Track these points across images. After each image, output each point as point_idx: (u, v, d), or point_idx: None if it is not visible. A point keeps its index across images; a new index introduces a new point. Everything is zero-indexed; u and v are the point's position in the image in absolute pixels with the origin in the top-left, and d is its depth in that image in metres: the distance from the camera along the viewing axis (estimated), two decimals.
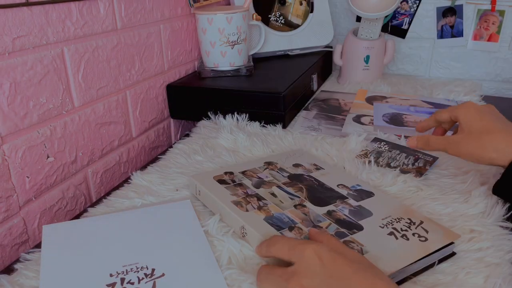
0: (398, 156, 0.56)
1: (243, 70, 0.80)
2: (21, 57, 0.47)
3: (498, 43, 0.97)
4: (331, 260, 0.31)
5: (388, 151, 0.56)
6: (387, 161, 0.55)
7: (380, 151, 0.57)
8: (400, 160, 0.55)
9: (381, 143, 0.59)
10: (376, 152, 0.57)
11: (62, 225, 0.46)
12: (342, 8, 1.08)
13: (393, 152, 0.56)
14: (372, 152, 0.57)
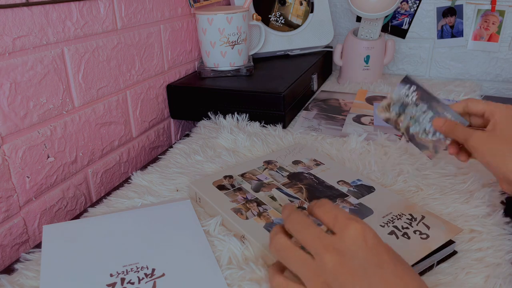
0: (423, 116, 0.46)
1: (243, 70, 0.80)
2: (21, 57, 0.47)
3: (498, 43, 0.97)
4: (375, 246, 0.30)
5: (414, 105, 0.46)
6: (407, 124, 0.46)
7: (406, 103, 0.47)
8: (421, 125, 0.46)
9: (410, 88, 0.47)
10: (401, 105, 0.47)
11: (62, 225, 0.46)
12: (342, 8, 1.08)
13: (419, 107, 0.46)
14: (397, 104, 0.47)
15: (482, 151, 0.42)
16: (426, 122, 0.45)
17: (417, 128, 0.45)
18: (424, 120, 0.45)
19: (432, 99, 0.45)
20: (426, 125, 0.45)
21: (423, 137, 0.44)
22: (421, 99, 0.45)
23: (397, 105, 0.46)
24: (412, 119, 0.45)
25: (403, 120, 0.46)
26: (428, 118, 0.45)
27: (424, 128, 0.45)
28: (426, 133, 0.45)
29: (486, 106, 0.45)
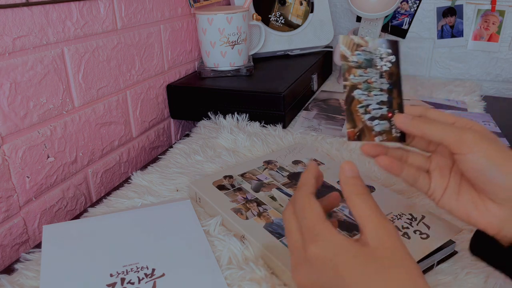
0: (377, 93, 0.35)
1: (243, 70, 0.80)
2: (21, 57, 0.47)
3: (498, 43, 0.97)
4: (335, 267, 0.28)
5: (379, 73, 0.35)
6: (357, 82, 0.35)
7: (373, 63, 0.35)
8: (369, 100, 0.34)
9: (389, 55, 0.36)
10: (368, 59, 0.35)
11: (62, 225, 0.46)
12: (342, 8, 1.08)
13: (382, 81, 0.35)
14: (366, 54, 0.35)
15: (478, 156, 0.30)
16: (375, 102, 0.35)
17: (363, 97, 0.34)
18: (374, 98, 0.35)
19: (398, 84, 0.36)
20: (373, 105, 0.34)
21: (360, 112, 0.34)
22: (389, 75, 0.36)
23: (365, 55, 0.35)
24: (366, 84, 0.35)
25: (357, 76, 0.35)
26: (380, 100, 0.35)
27: (368, 105, 0.34)
28: (366, 112, 0.34)
29: (454, 117, 0.33)
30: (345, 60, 0.34)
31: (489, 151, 0.30)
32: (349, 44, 0.35)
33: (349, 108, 0.34)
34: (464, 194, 0.33)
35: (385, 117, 0.34)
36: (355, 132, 0.34)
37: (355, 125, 0.34)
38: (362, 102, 0.34)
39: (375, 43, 0.36)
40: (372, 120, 0.34)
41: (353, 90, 0.34)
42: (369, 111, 0.34)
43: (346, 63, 0.34)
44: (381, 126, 0.34)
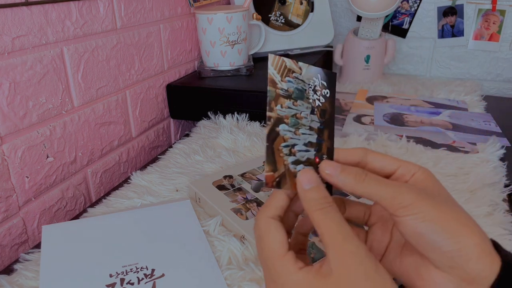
0: (306, 131, 0.29)
1: (243, 69, 0.80)
2: (20, 57, 0.47)
3: (499, 42, 0.97)
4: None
5: (311, 108, 0.29)
6: (285, 115, 0.28)
7: (306, 95, 0.29)
8: (295, 139, 0.28)
9: (324, 88, 0.30)
10: (300, 89, 0.29)
11: (61, 225, 0.46)
12: (343, 8, 1.08)
13: (312, 118, 0.29)
14: (298, 82, 0.29)
15: (416, 220, 0.25)
16: (302, 143, 0.28)
17: (289, 134, 0.28)
18: (302, 137, 0.28)
19: (330, 125, 0.30)
20: (300, 145, 0.28)
21: (284, 152, 0.27)
22: (322, 112, 0.30)
23: (297, 84, 0.29)
24: (294, 118, 0.28)
25: (285, 107, 0.28)
26: (308, 141, 0.29)
27: (294, 145, 0.28)
28: (290, 153, 0.28)
29: (398, 162, 0.29)
30: (273, 86, 0.28)
31: (429, 213, 0.25)
32: (280, 67, 0.28)
33: (271, 146, 0.27)
34: (406, 258, 0.28)
35: (311, 162, 0.28)
36: (275, 177, 0.27)
37: (276, 168, 0.27)
38: (287, 140, 0.28)
39: (310, 71, 0.30)
40: (296, 164, 0.28)
41: (279, 124, 0.27)
42: (294, 152, 0.28)
43: (274, 89, 0.28)
44: None
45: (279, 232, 0.26)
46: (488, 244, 0.25)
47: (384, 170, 0.29)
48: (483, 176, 0.52)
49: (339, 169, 0.27)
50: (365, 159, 0.29)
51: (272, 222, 0.26)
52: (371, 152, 0.29)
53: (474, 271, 0.24)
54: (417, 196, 0.25)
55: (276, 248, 0.25)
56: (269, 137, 0.27)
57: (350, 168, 0.27)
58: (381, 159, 0.29)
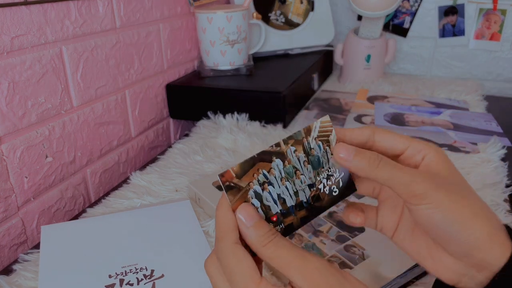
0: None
1: (243, 69, 0.79)
2: (19, 57, 0.46)
3: (500, 42, 0.97)
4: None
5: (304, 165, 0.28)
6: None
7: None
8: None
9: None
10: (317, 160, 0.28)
11: (60, 225, 0.46)
12: (343, 7, 1.07)
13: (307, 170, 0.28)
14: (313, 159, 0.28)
15: (431, 211, 0.24)
16: (278, 192, 0.27)
17: (277, 173, 0.27)
18: (281, 189, 0.27)
19: (314, 212, 0.28)
20: (275, 191, 0.26)
21: (258, 177, 0.26)
22: (314, 197, 0.28)
23: (321, 154, 0.28)
24: (293, 169, 0.27)
25: (296, 155, 0.27)
26: (283, 197, 0.27)
27: (271, 184, 0.26)
28: (261, 184, 0.26)
29: (407, 140, 0.28)
30: (305, 133, 0.27)
31: (443, 203, 0.24)
32: (324, 131, 0.28)
33: (256, 161, 0.26)
34: (418, 238, 0.28)
35: (268, 214, 0.26)
36: (233, 180, 0.25)
37: (241, 177, 0.25)
38: (271, 174, 0.26)
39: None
40: (256, 198, 0.26)
41: (279, 157, 0.26)
42: (265, 188, 0.26)
43: (303, 136, 0.27)
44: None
45: (247, 258, 0.24)
46: (502, 232, 0.25)
47: (392, 149, 0.28)
48: (484, 176, 0.52)
49: (353, 153, 0.26)
50: (373, 138, 0.28)
51: (237, 248, 0.24)
52: (379, 131, 0.28)
53: (485, 260, 0.24)
54: (431, 185, 0.25)
55: (249, 276, 0.23)
56: (262, 154, 0.26)
57: (364, 152, 0.26)
58: (389, 138, 0.28)
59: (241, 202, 0.25)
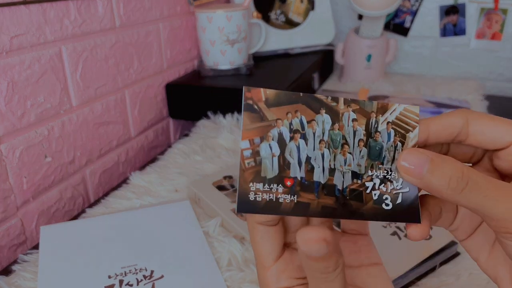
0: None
1: (243, 69, 0.79)
2: (18, 56, 0.46)
3: (501, 41, 0.96)
4: None
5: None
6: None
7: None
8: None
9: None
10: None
11: (60, 226, 0.46)
12: (344, 6, 1.07)
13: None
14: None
15: None
16: (311, 154, 0.20)
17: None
18: (316, 153, 0.20)
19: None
20: (305, 154, 0.20)
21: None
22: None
23: (379, 145, 0.21)
24: (340, 137, 0.21)
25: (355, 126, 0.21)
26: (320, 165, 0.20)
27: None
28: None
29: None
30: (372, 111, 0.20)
31: None
32: (405, 117, 0.21)
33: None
34: (497, 254, 0.22)
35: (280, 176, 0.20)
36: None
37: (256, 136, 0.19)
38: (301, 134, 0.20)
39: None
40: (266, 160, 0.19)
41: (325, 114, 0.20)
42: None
43: (367, 112, 0.20)
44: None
45: (265, 240, 0.21)
46: None
47: (494, 143, 0.20)
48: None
49: (426, 166, 0.18)
50: (466, 130, 0.20)
51: (259, 229, 0.21)
52: (476, 118, 0.20)
53: None
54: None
55: (261, 259, 0.22)
56: (310, 98, 0.20)
57: (443, 165, 0.18)
58: (490, 129, 0.20)
59: (255, 134, 0.19)
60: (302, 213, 0.19)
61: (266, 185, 0.19)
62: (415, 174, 0.19)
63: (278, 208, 0.19)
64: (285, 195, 0.19)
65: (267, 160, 0.19)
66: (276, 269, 0.21)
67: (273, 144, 0.19)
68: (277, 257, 0.22)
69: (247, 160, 0.19)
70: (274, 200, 0.19)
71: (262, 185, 0.19)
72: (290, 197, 0.19)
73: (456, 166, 0.18)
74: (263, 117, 0.19)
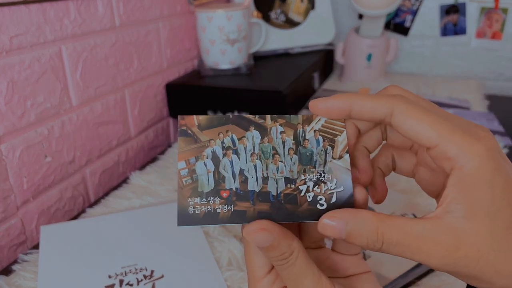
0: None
1: (243, 68, 0.79)
2: (18, 56, 0.46)
3: (502, 41, 0.96)
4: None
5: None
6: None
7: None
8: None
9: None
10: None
11: (60, 226, 0.46)
12: (344, 6, 1.07)
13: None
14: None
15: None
16: (242, 167, 0.22)
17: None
18: (249, 165, 0.22)
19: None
20: (238, 166, 0.22)
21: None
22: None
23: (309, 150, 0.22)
24: (270, 149, 0.22)
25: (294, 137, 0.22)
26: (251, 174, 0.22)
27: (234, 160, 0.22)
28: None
29: (439, 134, 0.18)
30: (304, 122, 0.22)
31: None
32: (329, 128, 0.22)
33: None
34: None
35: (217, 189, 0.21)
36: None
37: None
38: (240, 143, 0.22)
39: (336, 170, 0.22)
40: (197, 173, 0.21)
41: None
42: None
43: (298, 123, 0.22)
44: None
45: (259, 253, 0.22)
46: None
47: (416, 141, 0.19)
48: None
49: (344, 233, 0.19)
50: (389, 121, 0.20)
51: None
52: (401, 111, 0.19)
53: None
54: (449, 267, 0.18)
55: (254, 271, 0.22)
56: (239, 119, 0.22)
57: (360, 230, 0.19)
58: (415, 126, 0.19)
59: (191, 155, 0.21)
60: (240, 221, 0.21)
61: (203, 198, 0.21)
62: (333, 234, 0.20)
63: (216, 218, 0.20)
64: (222, 205, 0.21)
65: (203, 177, 0.21)
66: (267, 281, 0.22)
67: (208, 162, 0.21)
68: (270, 269, 0.22)
69: (184, 178, 0.21)
70: (212, 211, 0.20)
71: (200, 199, 0.21)
72: (227, 207, 0.21)
73: (371, 228, 0.19)
74: (197, 140, 0.21)
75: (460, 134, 0.18)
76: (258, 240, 0.20)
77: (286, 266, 0.20)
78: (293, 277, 0.20)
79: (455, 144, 0.18)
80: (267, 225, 0.20)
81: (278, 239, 0.20)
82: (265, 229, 0.20)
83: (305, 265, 0.20)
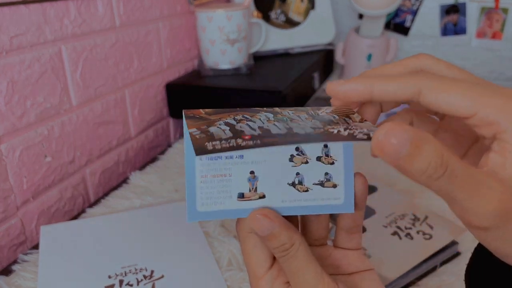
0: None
1: (243, 68, 0.79)
2: (18, 56, 0.46)
3: (502, 41, 0.96)
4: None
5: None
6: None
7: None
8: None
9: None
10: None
11: (60, 226, 0.45)
12: (344, 6, 1.07)
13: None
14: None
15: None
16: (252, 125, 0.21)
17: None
18: (256, 122, 0.21)
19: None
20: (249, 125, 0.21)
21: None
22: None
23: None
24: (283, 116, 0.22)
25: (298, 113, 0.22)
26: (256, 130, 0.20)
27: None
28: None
29: (475, 102, 0.18)
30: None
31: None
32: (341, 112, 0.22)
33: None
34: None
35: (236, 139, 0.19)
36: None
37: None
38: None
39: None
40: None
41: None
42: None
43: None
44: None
45: (258, 249, 0.22)
46: None
47: (453, 115, 0.18)
48: None
49: (407, 147, 0.15)
50: (417, 99, 0.18)
51: (251, 238, 0.22)
52: (430, 88, 0.18)
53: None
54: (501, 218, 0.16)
55: (254, 269, 0.22)
56: (248, 108, 0.22)
57: (425, 149, 0.16)
58: (447, 100, 0.17)
59: (202, 124, 0.19)
60: (263, 144, 0.18)
61: (223, 141, 0.18)
62: (390, 153, 0.16)
63: (240, 147, 0.17)
64: (247, 141, 0.18)
65: (219, 131, 0.19)
66: (270, 277, 0.22)
67: (221, 124, 0.19)
68: (270, 265, 0.22)
69: (197, 135, 0.18)
70: (235, 145, 0.18)
71: (219, 142, 0.18)
72: (252, 142, 0.18)
73: (436, 149, 0.16)
74: (206, 119, 0.20)
75: (497, 97, 0.17)
76: (260, 225, 0.20)
77: (287, 257, 0.20)
78: (295, 271, 0.20)
79: (494, 107, 0.17)
80: (270, 213, 0.20)
81: (279, 228, 0.20)
82: (267, 215, 0.20)
83: (307, 260, 0.20)
